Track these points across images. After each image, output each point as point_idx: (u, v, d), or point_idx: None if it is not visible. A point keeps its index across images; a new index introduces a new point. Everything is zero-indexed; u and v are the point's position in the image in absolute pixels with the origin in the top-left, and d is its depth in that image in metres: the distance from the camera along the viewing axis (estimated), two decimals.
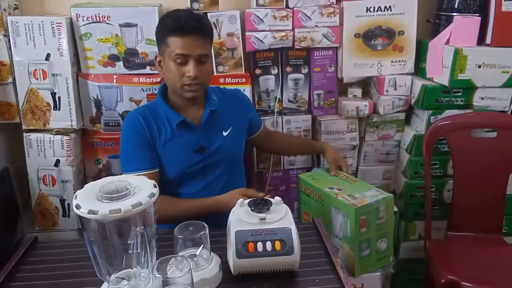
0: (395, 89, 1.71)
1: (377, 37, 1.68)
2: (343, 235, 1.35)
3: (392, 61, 1.71)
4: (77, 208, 0.77)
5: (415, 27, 1.69)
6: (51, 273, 0.95)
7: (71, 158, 1.61)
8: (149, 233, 0.83)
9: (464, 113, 1.64)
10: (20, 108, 1.58)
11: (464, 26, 1.59)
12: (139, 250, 0.83)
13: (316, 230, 1.07)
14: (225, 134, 1.34)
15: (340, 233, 1.37)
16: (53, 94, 1.58)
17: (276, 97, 1.75)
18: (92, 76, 1.63)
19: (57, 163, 1.61)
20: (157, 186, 0.83)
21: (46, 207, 1.65)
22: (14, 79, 1.56)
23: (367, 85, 1.82)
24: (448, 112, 1.65)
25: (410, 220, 1.80)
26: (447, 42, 1.61)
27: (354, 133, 1.77)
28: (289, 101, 1.77)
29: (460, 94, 1.63)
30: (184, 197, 1.34)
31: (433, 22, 1.73)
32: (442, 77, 1.62)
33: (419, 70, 1.73)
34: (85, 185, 0.84)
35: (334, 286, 0.87)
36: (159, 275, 0.75)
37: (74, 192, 1.62)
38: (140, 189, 0.82)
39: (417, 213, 1.79)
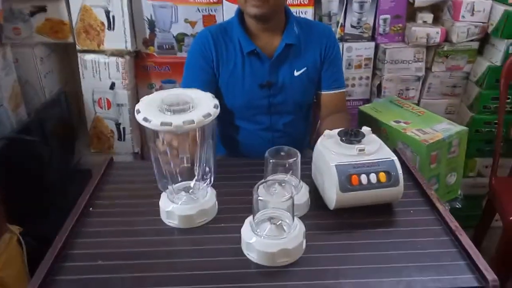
0: (472, 14, 1.56)
1: None
2: None
3: None
4: (145, 121, 0.73)
5: None
6: (127, 192, 0.95)
7: (126, 81, 1.56)
8: (207, 147, 0.82)
9: None
10: (73, 27, 1.51)
11: None
12: (199, 165, 0.83)
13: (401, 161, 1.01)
14: (296, 74, 1.21)
15: None
16: (107, 13, 1.49)
17: (338, 22, 1.63)
18: None
19: (112, 86, 1.57)
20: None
21: (101, 130, 1.64)
22: None
23: (437, 10, 1.67)
24: None
25: (471, 156, 1.73)
26: None
27: (420, 63, 1.65)
28: (352, 26, 1.65)
29: None
30: (244, 132, 1.28)
31: None
32: None
33: None
34: (142, 98, 0.80)
35: (431, 218, 0.83)
36: (261, 198, 0.72)
37: (129, 116, 1.61)
38: (201, 101, 0.78)
39: (479, 150, 1.71)
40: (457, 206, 1.39)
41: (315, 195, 0.89)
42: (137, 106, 0.76)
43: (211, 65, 1.19)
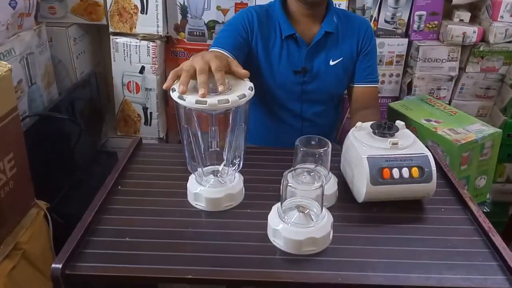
0: (511, 15, 1.52)
1: None
2: None
3: None
4: (180, 99, 0.73)
5: None
6: (154, 173, 0.95)
7: (156, 66, 1.57)
8: (238, 131, 0.81)
9: None
10: (108, 9, 1.53)
11: None
12: (229, 149, 0.83)
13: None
14: (332, 63, 1.20)
15: None
16: None
17: (372, 16, 1.60)
18: None
19: (142, 70, 1.58)
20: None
21: (129, 114, 1.66)
22: None
23: (475, 9, 1.63)
24: None
25: (501, 161, 1.68)
26: None
27: (454, 63, 1.62)
28: (385, 21, 1.62)
29: None
30: (274, 118, 1.28)
31: None
32: None
33: None
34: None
35: (463, 217, 0.81)
36: (291, 185, 0.71)
37: (157, 101, 1.62)
38: (236, 84, 0.78)
39: (510, 155, 1.67)
40: (485, 210, 1.36)
41: (343, 188, 0.88)
42: (173, 85, 0.76)
43: (249, 37, 1.17)
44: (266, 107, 1.27)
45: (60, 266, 0.66)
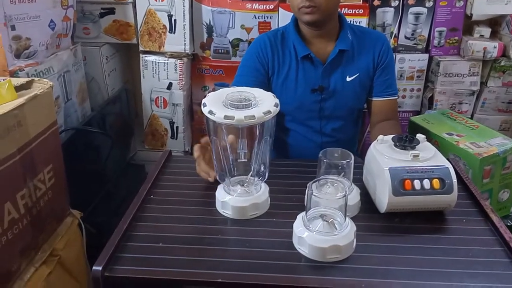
0: None
1: None
2: None
3: None
4: (210, 114, 0.78)
5: None
6: (184, 183, 1.00)
7: (183, 82, 1.64)
8: (264, 144, 0.85)
9: None
10: (138, 29, 1.61)
11: None
12: (256, 161, 0.87)
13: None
14: (348, 79, 1.23)
15: None
16: (170, 17, 1.58)
17: (392, 32, 1.64)
18: (207, 0, 1.60)
19: (169, 86, 1.65)
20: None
21: (156, 128, 1.73)
22: None
23: (495, 25, 1.65)
24: None
25: None
26: None
27: (475, 77, 1.63)
28: (406, 37, 1.65)
29: None
30: (294, 134, 1.31)
31: None
32: None
33: None
34: (208, 94, 0.85)
35: (484, 228, 0.83)
36: (316, 194, 0.75)
37: (183, 116, 1.69)
38: (263, 100, 0.83)
39: None
40: (509, 224, 1.36)
41: (366, 199, 0.91)
42: (204, 100, 0.82)
43: (265, 68, 1.23)
44: (286, 125, 1.30)
45: (100, 268, 0.71)
